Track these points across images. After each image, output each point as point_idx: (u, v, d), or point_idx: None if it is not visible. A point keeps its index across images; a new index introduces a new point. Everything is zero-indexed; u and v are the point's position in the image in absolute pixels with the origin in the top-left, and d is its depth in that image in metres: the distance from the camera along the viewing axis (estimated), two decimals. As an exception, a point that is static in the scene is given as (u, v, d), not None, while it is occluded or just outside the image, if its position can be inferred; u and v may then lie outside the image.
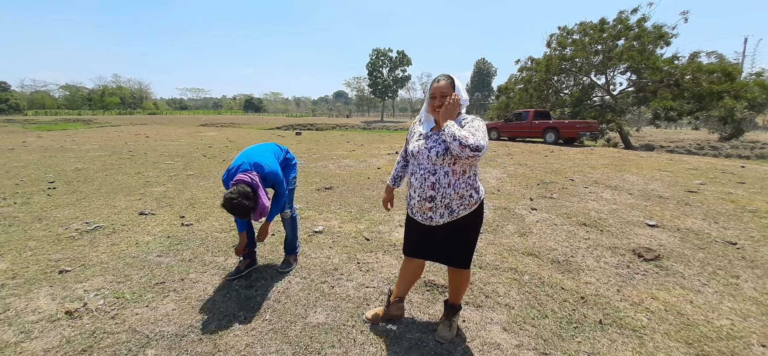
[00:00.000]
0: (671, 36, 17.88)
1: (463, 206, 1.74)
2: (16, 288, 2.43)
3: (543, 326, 2.09)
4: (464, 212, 1.75)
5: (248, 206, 2.06)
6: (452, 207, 1.72)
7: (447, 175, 1.68)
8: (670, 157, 10.69)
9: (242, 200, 2.03)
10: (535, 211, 4.41)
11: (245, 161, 2.28)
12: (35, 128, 22.99)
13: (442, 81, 1.75)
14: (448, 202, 1.70)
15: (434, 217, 1.75)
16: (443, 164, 1.67)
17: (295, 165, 2.79)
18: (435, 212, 1.73)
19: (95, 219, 3.92)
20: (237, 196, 2.03)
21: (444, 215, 1.73)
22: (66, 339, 1.92)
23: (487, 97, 65.19)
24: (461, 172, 1.70)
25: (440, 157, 1.66)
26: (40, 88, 74.25)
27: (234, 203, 2.02)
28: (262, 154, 2.39)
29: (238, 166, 2.27)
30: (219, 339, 1.94)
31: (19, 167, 7.28)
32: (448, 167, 1.68)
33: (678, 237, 3.54)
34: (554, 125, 15.46)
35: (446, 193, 1.69)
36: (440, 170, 1.68)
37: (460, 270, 1.91)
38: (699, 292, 2.51)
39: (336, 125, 33.35)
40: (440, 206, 1.71)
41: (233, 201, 2.02)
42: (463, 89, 1.78)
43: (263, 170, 2.26)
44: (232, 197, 2.03)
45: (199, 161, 8.51)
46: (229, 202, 2.03)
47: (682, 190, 5.63)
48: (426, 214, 1.75)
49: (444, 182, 1.68)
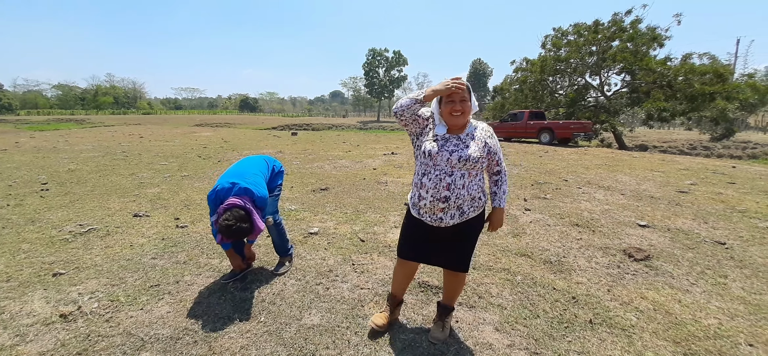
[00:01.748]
0: (664, 38, 18.13)
1: (473, 208, 1.79)
2: (11, 291, 2.42)
3: (534, 326, 2.13)
4: (473, 213, 1.80)
5: (246, 229, 2.15)
6: (464, 208, 1.76)
7: (463, 177, 1.72)
8: (663, 157, 10.83)
9: (241, 225, 2.11)
10: (529, 211, 4.46)
11: (237, 182, 2.30)
12: (28, 127, 22.73)
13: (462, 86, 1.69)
14: (460, 203, 1.74)
15: (445, 218, 1.76)
16: (462, 168, 1.72)
17: (281, 173, 2.83)
18: (446, 213, 1.75)
19: (89, 221, 3.91)
20: (235, 222, 2.09)
21: (455, 216, 1.76)
22: (61, 343, 1.92)
23: (483, 97, 65.40)
24: (475, 175, 1.77)
25: (462, 162, 1.70)
26: (33, 87, 73.55)
27: (233, 230, 2.09)
28: (251, 177, 2.39)
29: (228, 188, 2.27)
30: (214, 342, 1.95)
31: (11, 169, 7.20)
32: (465, 171, 1.73)
33: (668, 237, 3.60)
34: (549, 126, 15.59)
35: (460, 194, 1.72)
36: (457, 173, 1.72)
37: (458, 273, 1.94)
38: (687, 292, 2.56)
39: (332, 125, 33.29)
40: (453, 207, 1.74)
41: (232, 228, 2.08)
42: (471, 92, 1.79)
43: (254, 195, 2.29)
44: (230, 223, 2.08)
45: (194, 161, 8.48)
46: (229, 229, 2.08)
47: (674, 190, 5.71)
48: (436, 215, 1.76)
49: (459, 183, 1.72)
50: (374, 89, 54.76)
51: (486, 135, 1.80)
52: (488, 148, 1.78)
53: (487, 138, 1.79)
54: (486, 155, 1.77)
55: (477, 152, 1.71)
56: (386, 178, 6.58)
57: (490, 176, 1.90)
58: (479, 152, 1.72)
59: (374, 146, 12.91)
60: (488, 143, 1.78)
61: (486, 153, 1.77)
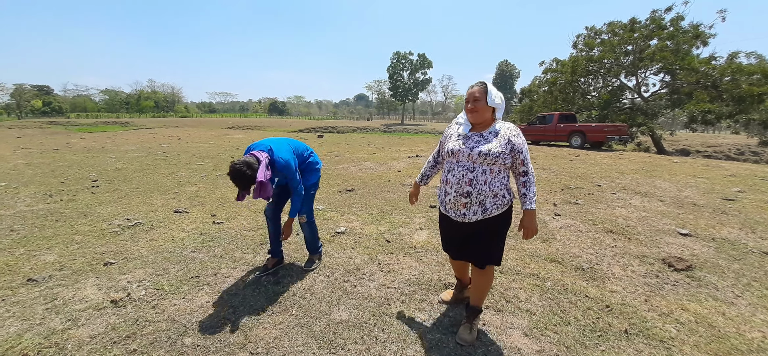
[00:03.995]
0: (708, 36, 16.99)
1: (496, 205, 1.83)
2: (64, 279, 2.65)
3: (565, 333, 2.08)
4: (496, 211, 1.83)
5: (247, 174, 2.20)
6: (486, 205, 1.81)
7: (485, 173, 1.79)
8: (707, 162, 10.14)
9: (243, 169, 2.19)
10: (559, 217, 4.33)
11: (263, 144, 2.46)
12: (77, 129, 24.62)
13: (475, 86, 1.86)
14: (482, 199, 1.80)
15: (468, 214, 1.83)
16: (483, 163, 1.78)
17: (318, 170, 2.82)
18: (469, 208, 1.82)
19: (135, 216, 4.20)
20: (240, 165, 2.20)
21: (477, 212, 1.82)
22: (111, 326, 2.09)
23: (510, 99, 63.88)
24: (498, 171, 1.81)
25: (482, 157, 1.77)
26: (82, 92, 79.61)
27: (235, 169, 2.19)
28: (279, 144, 2.54)
29: (256, 145, 2.46)
30: (249, 332, 2.06)
31: (64, 167, 7.85)
32: (487, 167, 1.79)
33: (712, 247, 3.40)
34: (580, 129, 15.01)
35: (482, 190, 1.79)
36: (479, 168, 1.79)
37: (484, 271, 1.97)
38: (732, 304, 2.41)
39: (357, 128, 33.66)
40: (475, 203, 1.81)
41: (235, 167, 2.19)
42: (497, 93, 1.86)
43: (273, 155, 2.41)
44: (235, 163, 2.21)
45: (227, 162, 8.87)
46: (232, 168, 2.20)
47: (719, 198, 5.35)
48: (460, 210, 1.85)
49: (481, 179, 1.79)
50: (398, 91, 54.90)
51: (510, 133, 1.82)
52: (511, 145, 1.80)
53: (512, 136, 1.81)
54: (509, 152, 1.79)
55: (498, 147, 1.77)
56: (411, 180, 6.60)
57: (517, 177, 1.89)
58: (501, 148, 1.77)
59: (398, 148, 12.95)
60: (512, 141, 1.80)
61: (509, 150, 1.79)
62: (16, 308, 2.25)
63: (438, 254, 3.18)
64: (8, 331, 2.02)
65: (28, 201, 4.83)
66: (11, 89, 62.59)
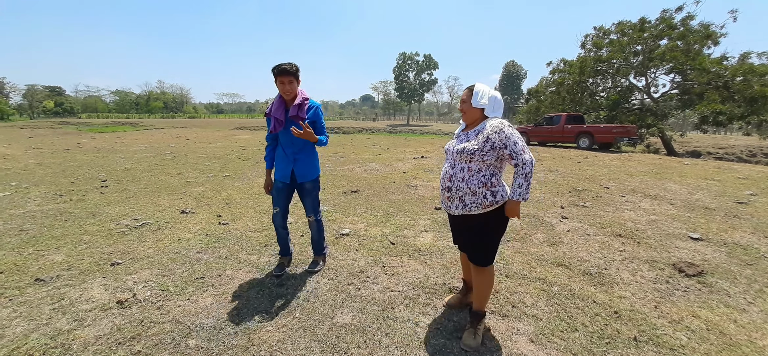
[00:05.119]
0: (719, 35, 16.67)
1: (476, 203, 1.89)
2: (71, 279, 2.68)
3: (572, 339, 2.04)
4: (477, 210, 1.89)
5: (291, 70, 2.43)
6: (465, 201, 1.90)
7: (463, 170, 1.89)
8: (719, 164, 9.94)
9: (290, 63, 2.43)
10: (566, 219, 4.28)
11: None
12: (88, 130, 25.01)
13: (464, 91, 2.03)
14: (461, 195, 1.90)
15: (451, 207, 1.98)
16: (461, 160, 1.90)
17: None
18: (452, 201, 1.96)
19: (142, 216, 4.24)
20: (288, 64, 2.42)
21: (458, 207, 1.94)
22: (117, 327, 2.10)
23: (516, 100, 63.43)
24: (476, 170, 1.87)
25: (459, 153, 1.90)
26: (93, 93, 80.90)
27: (283, 64, 2.41)
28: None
29: None
30: (253, 334, 2.06)
31: (74, 167, 7.97)
32: (465, 164, 1.89)
33: (724, 252, 3.32)
34: (588, 130, 14.82)
35: (460, 186, 1.89)
36: (458, 165, 1.92)
37: (480, 270, 2.00)
38: (744, 311, 2.34)
39: (362, 129, 33.69)
40: (455, 198, 1.93)
41: (283, 63, 2.41)
42: (483, 93, 1.93)
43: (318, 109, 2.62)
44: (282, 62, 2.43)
45: (234, 162, 8.93)
46: (279, 64, 2.41)
47: (731, 201, 5.24)
48: (446, 202, 2.02)
49: (459, 176, 1.90)
50: (404, 92, 54.80)
51: (491, 130, 1.85)
52: (491, 143, 1.82)
53: (491, 133, 1.84)
54: (489, 149, 1.82)
55: (474, 145, 1.85)
56: (416, 182, 6.57)
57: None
58: (477, 145, 1.84)
59: (404, 149, 12.92)
60: (491, 138, 1.83)
61: (489, 147, 1.82)
62: (23, 308, 2.28)
63: (443, 257, 3.16)
64: (14, 331, 2.04)
65: (39, 201, 4.91)
66: (23, 89, 63.96)
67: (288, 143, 2.60)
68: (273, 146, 2.74)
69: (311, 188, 2.73)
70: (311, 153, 2.69)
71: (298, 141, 2.58)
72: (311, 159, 2.69)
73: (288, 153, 2.62)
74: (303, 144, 2.61)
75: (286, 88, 2.47)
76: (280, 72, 2.42)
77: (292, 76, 2.44)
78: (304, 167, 2.66)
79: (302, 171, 2.65)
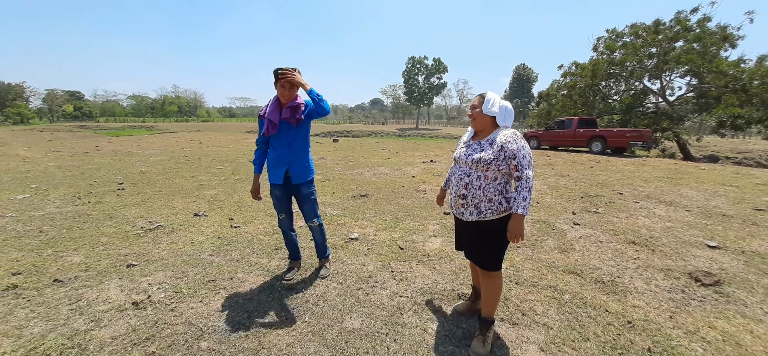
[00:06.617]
0: (737, 37, 16.26)
1: (491, 210, 1.91)
2: (89, 280, 2.75)
3: (584, 349, 2.01)
4: (492, 216, 1.92)
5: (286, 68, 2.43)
6: (480, 208, 1.93)
7: (479, 178, 1.91)
8: (737, 170, 9.65)
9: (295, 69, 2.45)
10: (578, 226, 4.21)
11: None
12: (106, 133, 25.70)
13: (475, 98, 2.05)
14: (477, 202, 1.93)
15: (465, 213, 2.00)
16: (477, 168, 1.91)
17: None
18: (466, 208, 1.98)
19: (157, 219, 4.34)
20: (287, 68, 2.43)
21: (473, 213, 1.96)
22: (132, 328, 2.15)
23: (527, 103, 62.75)
24: (492, 178, 1.90)
25: (475, 163, 1.91)
26: (111, 97, 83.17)
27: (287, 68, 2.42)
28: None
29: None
30: (263, 337, 2.08)
31: (92, 170, 8.20)
32: (481, 172, 1.91)
33: (742, 261, 3.22)
34: (601, 134, 14.56)
35: (476, 194, 1.92)
36: (474, 173, 1.93)
37: (488, 275, 2.00)
38: (761, 321, 2.28)
39: (371, 133, 33.81)
40: (470, 205, 1.95)
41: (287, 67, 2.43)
42: (495, 101, 1.94)
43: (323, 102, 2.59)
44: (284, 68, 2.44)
45: (245, 166, 9.06)
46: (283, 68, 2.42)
47: (749, 207, 5.09)
48: (459, 209, 2.03)
49: (476, 184, 1.92)
50: (413, 96, 54.83)
51: (505, 140, 1.87)
52: (504, 152, 1.85)
53: (506, 142, 1.86)
54: (503, 158, 1.86)
55: (490, 154, 1.88)
56: (425, 186, 6.57)
57: (515, 181, 1.91)
58: (493, 155, 1.87)
59: (413, 153, 12.92)
60: (505, 147, 1.85)
61: (503, 157, 1.86)
62: (42, 308, 2.35)
63: (452, 262, 3.15)
64: (32, 331, 2.11)
65: (58, 203, 5.07)
66: (43, 94, 66.12)
67: (282, 145, 2.58)
68: (263, 149, 2.70)
69: (307, 192, 2.71)
70: (305, 154, 2.68)
71: (292, 143, 2.58)
72: (305, 160, 2.68)
73: (282, 155, 2.59)
74: (297, 146, 2.61)
75: (286, 92, 2.46)
76: (284, 76, 2.40)
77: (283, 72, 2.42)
78: (299, 168, 2.63)
79: (297, 172, 2.62)
